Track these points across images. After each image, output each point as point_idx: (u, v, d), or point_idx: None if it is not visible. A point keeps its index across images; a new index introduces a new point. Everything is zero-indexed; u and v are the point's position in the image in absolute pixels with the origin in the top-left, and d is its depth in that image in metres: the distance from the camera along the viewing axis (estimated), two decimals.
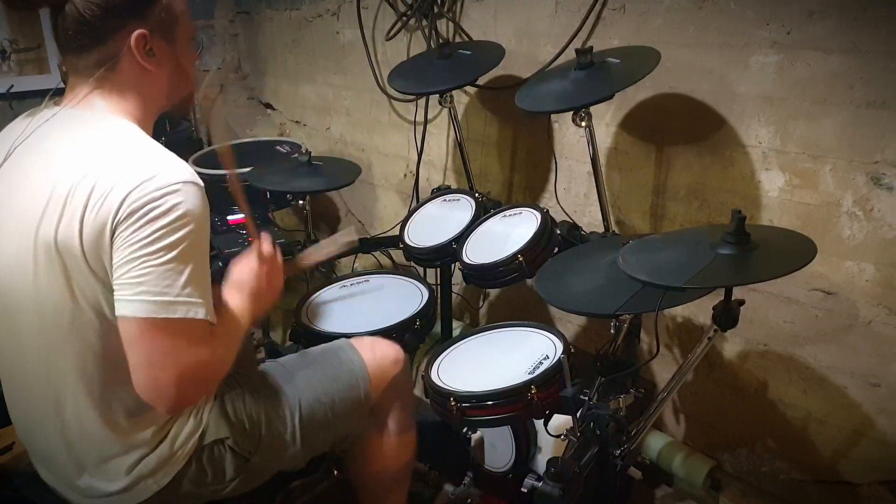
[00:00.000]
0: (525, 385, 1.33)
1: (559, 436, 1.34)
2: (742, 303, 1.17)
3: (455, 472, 1.64)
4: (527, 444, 1.61)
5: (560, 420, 1.42)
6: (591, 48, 1.55)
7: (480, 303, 2.46)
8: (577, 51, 1.55)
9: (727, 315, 1.16)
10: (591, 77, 1.53)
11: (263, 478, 1.25)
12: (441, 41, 2.17)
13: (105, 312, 0.99)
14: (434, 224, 1.90)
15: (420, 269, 2.08)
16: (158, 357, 0.95)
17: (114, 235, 0.93)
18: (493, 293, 2.40)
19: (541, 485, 1.22)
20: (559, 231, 1.64)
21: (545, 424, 1.42)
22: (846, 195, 1.44)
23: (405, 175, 2.64)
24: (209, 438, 1.15)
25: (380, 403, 1.35)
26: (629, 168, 1.84)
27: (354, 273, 2.02)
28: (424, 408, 1.50)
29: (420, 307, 1.71)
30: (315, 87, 3.01)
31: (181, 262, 0.94)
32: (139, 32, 1.02)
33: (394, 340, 1.61)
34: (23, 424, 1.15)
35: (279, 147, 2.83)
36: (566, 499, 1.20)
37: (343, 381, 1.30)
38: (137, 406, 1.06)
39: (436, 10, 2.19)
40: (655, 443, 1.86)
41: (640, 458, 1.76)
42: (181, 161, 1.00)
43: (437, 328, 2.07)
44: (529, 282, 1.58)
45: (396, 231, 1.97)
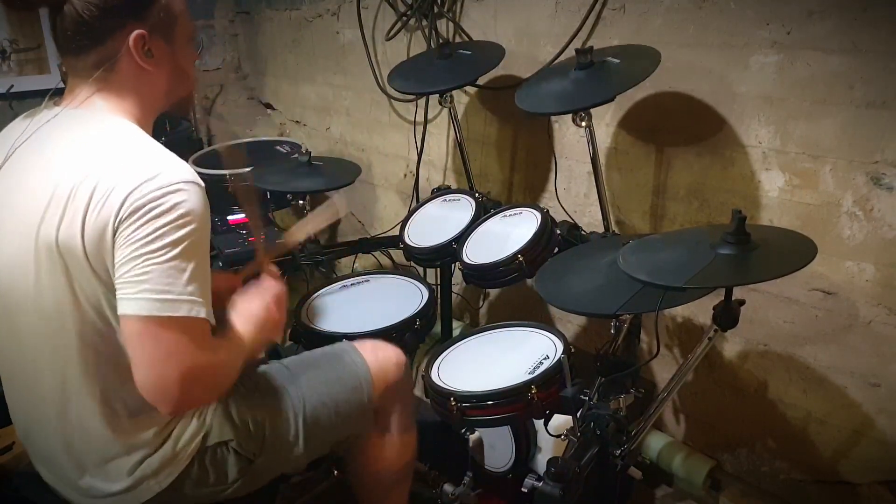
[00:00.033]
0: (525, 385, 1.33)
1: (559, 436, 1.34)
2: (742, 303, 1.17)
3: (455, 472, 1.64)
4: (527, 444, 1.61)
5: (560, 420, 1.41)
6: (592, 48, 1.55)
7: (480, 303, 2.46)
8: (578, 51, 1.55)
9: (727, 315, 1.16)
10: (592, 77, 1.53)
11: (266, 479, 1.25)
12: (441, 41, 2.17)
13: (106, 313, 0.98)
14: (434, 224, 1.90)
15: (420, 269, 2.08)
16: (162, 355, 0.95)
17: (116, 234, 0.93)
18: (493, 293, 2.40)
19: (541, 485, 1.22)
20: (559, 231, 1.63)
21: (545, 424, 1.42)
22: (846, 195, 1.44)
23: (405, 175, 2.64)
24: (212, 440, 1.15)
25: (381, 406, 1.35)
26: (629, 168, 1.84)
27: (354, 273, 2.02)
28: (424, 408, 1.50)
29: (420, 307, 1.71)
30: (315, 87, 3.01)
31: (184, 261, 0.94)
32: (138, 33, 1.01)
33: (394, 340, 1.61)
34: (23, 424, 1.15)
35: (279, 147, 2.83)
36: (566, 499, 1.20)
37: (347, 384, 1.30)
38: (139, 406, 1.06)
39: (436, 10, 2.19)
40: (655, 443, 1.86)
41: (640, 458, 1.76)
42: (182, 161, 1.00)
43: (437, 328, 2.07)
44: (529, 282, 1.58)
45: (396, 231, 1.97)
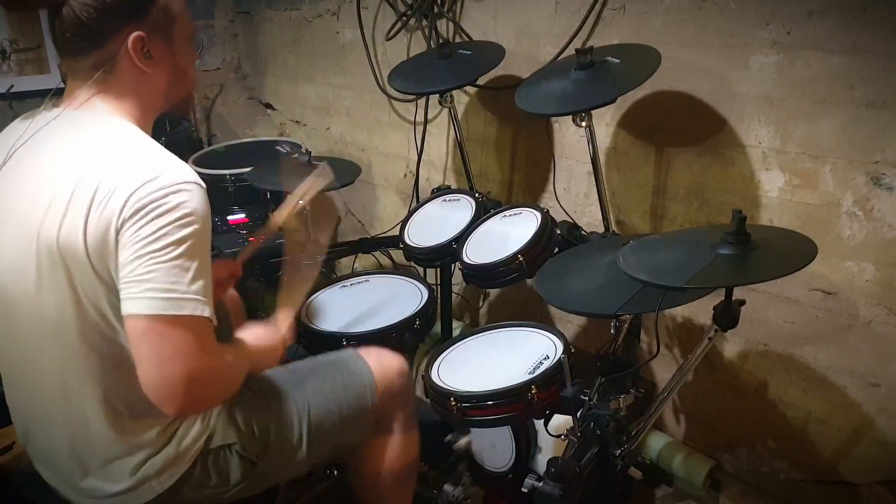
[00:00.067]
0: (525, 385, 1.33)
1: (559, 436, 1.34)
2: (742, 303, 1.17)
3: (455, 473, 1.64)
4: (527, 444, 1.61)
5: (560, 420, 1.41)
6: (592, 48, 1.55)
7: (480, 303, 2.46)
8: (578, 51, 1.54)
9: (727, 315, 1.16)
10: (592, 77, 1.52)
11: (268, 483, 1.26)
12: (441, 41, 2.17)
13: (108, 314, 0.98)
14: (434, 224, 1.90)
15: (420, 269, 2.08)
16: (166, 355, 0.94)
17: (118, 235, 0.93)
18: (493, 293, 2.40)
19: (541, 485, 1.21)
20: (559, 231, 1.63)
21: (545, 424, 1.42)
22: (846, 195, 1.44)
23: (405, 175, 2.64)
24: (216, 443, 1.15)
25: (383, 412, 1.35)
26: (629, 168, 1.84)
27: (354, 273, 2.02)
28: (424, 408, 1.50)
29: (420, 307, 1.71)
30: (315, 87, 3.01)
31: (187, 260, 0.94)
32: (136, 35, 1.01)
33: (393, 340, 1.62)
34: (23, 424, 1.15)
35: (279, 147, 2.83)
36: (566, 499, 1.20)
37: (351, 390, 1.30)
38: (142, 406, 1.06)
39: (436, 10, 2.19)
40: (655, 443, 1.86)
41: (640, 458, 1.75)
42: (182, 162, 1.00)
43: (437, 328, 2.07)
44: (529, 282, 1.58)
45: (396, 231, 1.97)
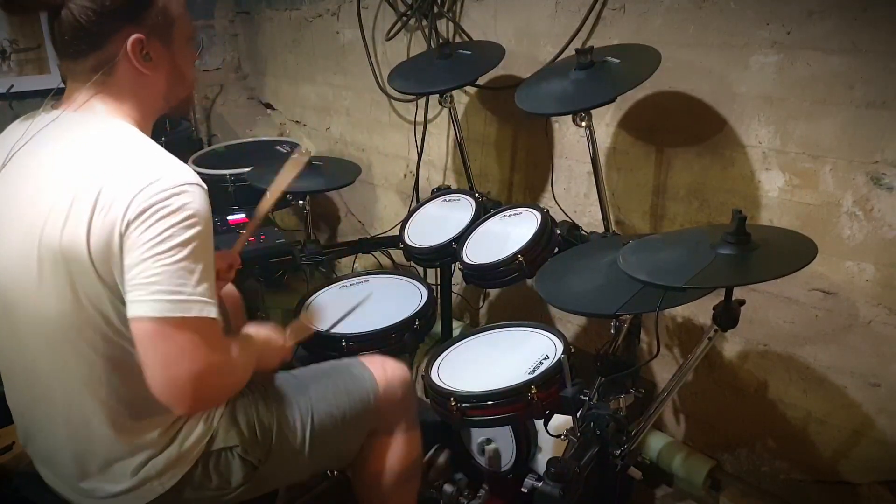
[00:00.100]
0: (525, 385, 1.33)
1: (559, 436, 1.34)
2: (742, 303, 1.17)
3: (455, 473, 1.64)
4: (527, 444, 1.61)
5: (560, 420, 1.41)
6: (592, 48, 1.55)
7: (480, 303, 2.46)
8: (578, 51, 1.54)
9: (727, 315, 1.16)
10: (592, 78, 1.52)
11: (270, 487, 1.26)
12: (441, 41, 2.17)
13: (110, 316, 0.99)
14: (434, 224, 1.90)
15: (420, 269, 2.08)
16: (174, 356, 0.95)
17: (123, 238, 0.93)
18: (493, 293, 2.40)
19: (541, 485, 1.21)
20: (559, 231, 1.63)
21: (545, 424, 1.42)
22: (846, 195, 1.44)
23: (405, 175, 2.64)
24: (218, 445, 1.15)
25: (385, 418, 1.36)
26: (629, 168, 1.84)
27: (354, 273, 2.02)
28: (424, 408, 1.50)
29: (420, 307, 1.71)
30: (315, 87, 3.01)
31: (193, 261, 0.94)
32: (135, 37, 1.01)
33: (393, 340, 1.62)
34: (24, 424, 1.15)
35: (279, 147, 2.83)
36: (566, 499, 1.20)
37: (355, 397, 1.30)
38: (143, 408, 1.06)
39: (436, 10, 2.19)
40: (655, 443, 1.86)
41: (640, 458, 1.76)
42: (183, 163, 1.00)
43: (438, 328, 2.07)
44: (529, 282, 1.58)
45: (396, 231, 1.97)
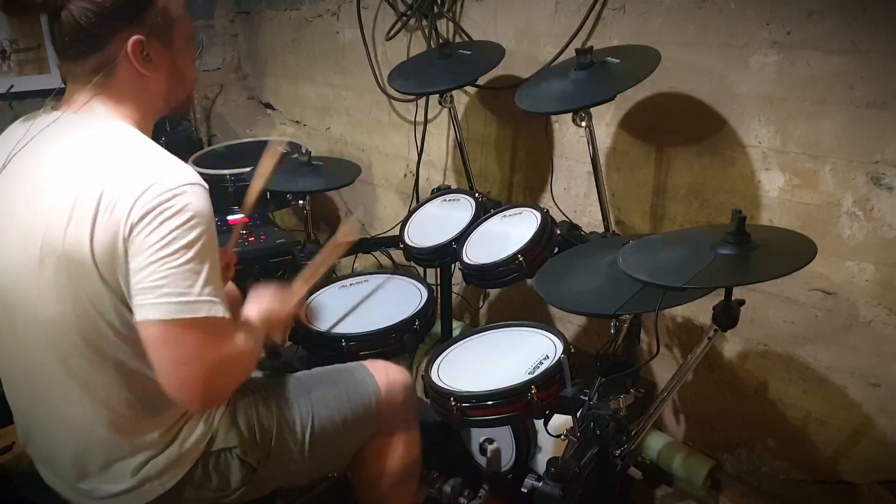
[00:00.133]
0: (525, 385, 1.33)
1: (559, 436, 1.34)
2: (742, 303, 1.17)
3: (455, 473, 1.64)
4: (527, 444, 1.61)
5: (560, 420, 1.41)
6: (592, 48, 1.55)
7: (480, 303, 2.46)
8: (578, 51, 1.55)
9: (727, 315, 1.16)
10: (592, 77, 1.52)
11: (269, 488, 1.26)
12: (441, 41, 2.17)
13: (111, 318, 0.99)
14: (434, 224, 1.90)
15: (420, 269, 2.08)
16: (184, 357, 0.96)
17: (128, 241, 0.93)
18: (493, 293, 2.40)
19: (541, 485, 1.21)
20: (559, 231, 1.63)
21: (545, 424, 1.42)
22: (846, 195, 1.44)
23: (405, 175, 2.64)
24: (217, 445, 1.15)
25: (387, 423, 1.36)
26: (629, 168, 1.84)
27: (354, 273, 2.02)
28: (424, 408, 1.50)
29: (419, 307, 1.71)
30: (315, 87, 3.01)
31: (199, 262, 0.95)
32: (136, 38, 1.01)
33: (393, 340, 1.62)
34: (24, 425, 1.15)
35: (279, 147, 2.82)
36: (566, 499, 1.20)
37: (356, 402, 1.31)
38: (143, 409, 1.07)
39: (436, 10, 2.19)
40: (655, 443, 1.86)
41: (640, 458, 1.76)
42: (183, 163, 1.00)
43: (437, 328, 2.07)
44: (529, 282, 1.58)
45: (396, 231, 1.97)
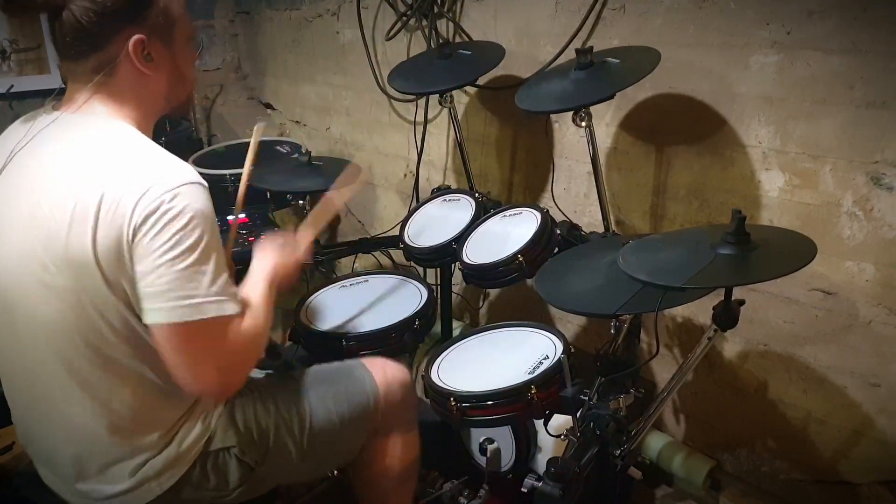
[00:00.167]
0: (525, 385, 1.33)
1: (559, 436, 1.34)
2: (742, 303, 1.17)
3: (455, 473, 1.64)
4: (527, 444, 1.61)
5: (560, 420, 1.41)
6: (591, 48, 1.55)
7: (480, 303, 2.46)
8: (577, 51, 1.55)
9: (727, 315, 1.16)
10: (592, 77, 1.53)
11: (267, 487, 1.26)
12: (441, 41, 2.17)
13: (112, 320, 0.99)
14: (434, 224, 1.90)
15: (420, 269, 2.08)
16: (197, 357, 0.99)
17: (132, 244, 0.94)
18: (493, 293, 2.40)
19: (541, 485, 1.21)
20: (559, 231, 1.63)
21: (545, 424, 1.41)
22: (846, 195, 1.44)
23: (405, 175, 2.64)
24: (215, 445, 1.15)
25: (386, 422, 1.36)
26: (629, 168, 1.84)
27: (354, 273, 2.02)
28: (424, 408, 1.50)
29: (419, 307, 1.71)
30: (315, 87, 3.01)
31: (203, 262, 0.96)
32: (137, 38, 1.01)
33: (393, 340, 1.62)
34: (24, 425, 1.15)
35: (279, 147, 2.83)
36: (566, 499, 1.20)
37: (354, 401, 1.31)
38: (142, 411, 1.07)
39: (436, 10, 2.19)
40: (655, 443, 1.86)
41: (640, 458, 1.76)
42: (184, 162, 1.00)
43: (437, 328, 2.07)
44: (529, 282, 1.58)
45: (396, 231, 1.97)
